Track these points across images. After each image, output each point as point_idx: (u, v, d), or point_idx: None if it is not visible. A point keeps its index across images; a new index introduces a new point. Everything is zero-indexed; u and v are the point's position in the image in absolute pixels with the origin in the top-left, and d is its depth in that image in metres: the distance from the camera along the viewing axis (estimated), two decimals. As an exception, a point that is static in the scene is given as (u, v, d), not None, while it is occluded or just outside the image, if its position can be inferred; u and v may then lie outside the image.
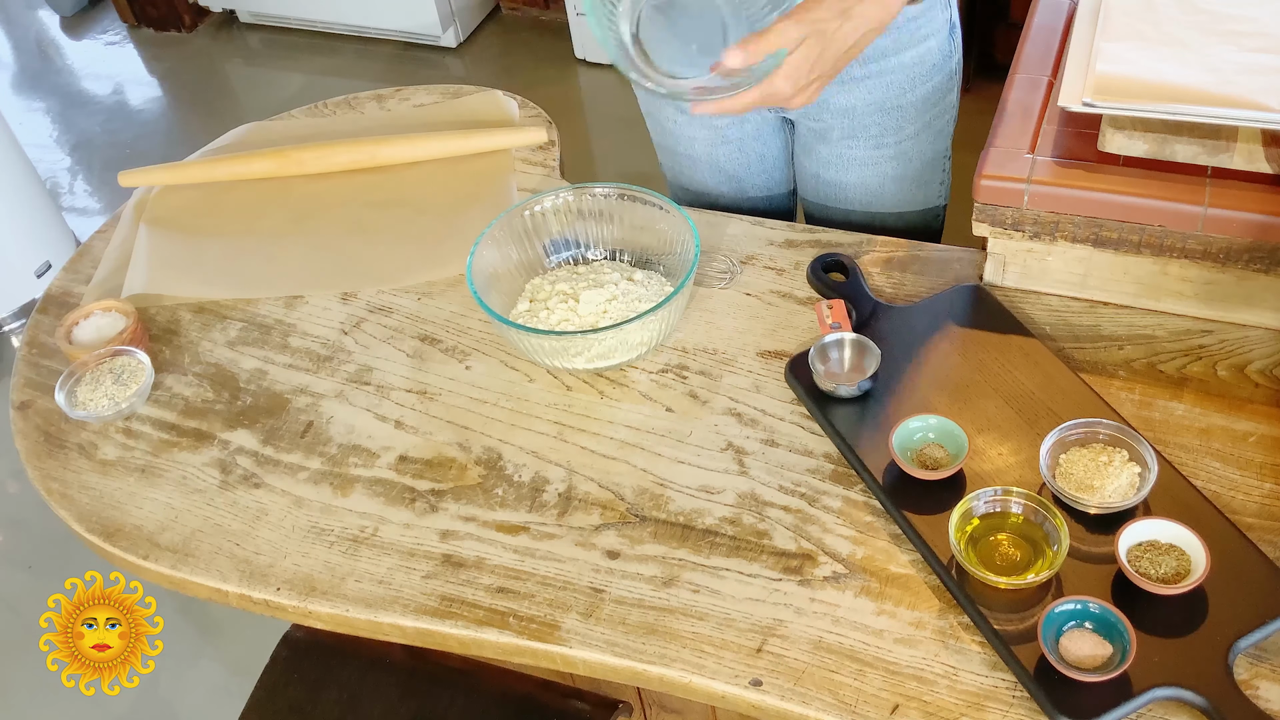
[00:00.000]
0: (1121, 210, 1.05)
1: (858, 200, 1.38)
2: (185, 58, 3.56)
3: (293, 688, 1.30)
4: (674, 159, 1.47)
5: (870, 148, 1.33)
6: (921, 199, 1.39)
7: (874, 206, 1.38)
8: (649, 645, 0.92)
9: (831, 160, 1.36)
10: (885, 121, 1.30)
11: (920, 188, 1.37)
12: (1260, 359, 1.07)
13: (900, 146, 1.33)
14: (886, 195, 1.37)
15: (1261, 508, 0.95)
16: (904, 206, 1.38)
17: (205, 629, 2.03)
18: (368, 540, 1.03)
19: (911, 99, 1.29)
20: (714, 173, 1.44)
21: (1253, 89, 1.01)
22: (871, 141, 1.32)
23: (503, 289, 1.20)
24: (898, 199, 1.38)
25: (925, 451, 1.00)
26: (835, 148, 1.34)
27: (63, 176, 3.19)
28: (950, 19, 1.27)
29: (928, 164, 1.36)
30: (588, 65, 3.20)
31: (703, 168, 1.44)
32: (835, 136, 1.33)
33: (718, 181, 1.44)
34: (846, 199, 1.39)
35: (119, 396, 1.16)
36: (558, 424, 1.11)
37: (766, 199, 1.47)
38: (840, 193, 1.39)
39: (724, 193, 1.45)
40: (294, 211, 1.39)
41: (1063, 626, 0.86)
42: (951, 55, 1.30)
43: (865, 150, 1.33)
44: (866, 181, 1.36)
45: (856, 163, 1.35)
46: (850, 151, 1.34)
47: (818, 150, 1.37)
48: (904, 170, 1.35)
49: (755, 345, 1.15)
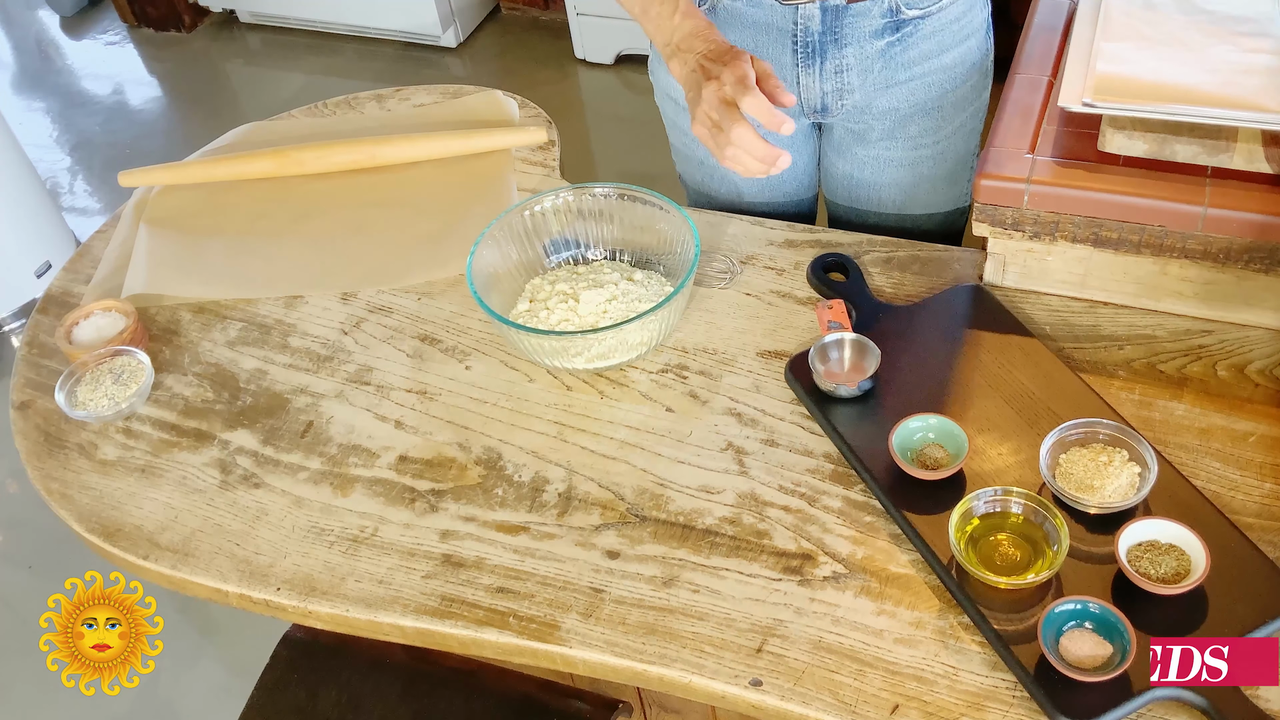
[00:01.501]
0: (1121, 210, 1.05)
1: (891, 201, 1.37)
2: (185, 58, 3.56)
3: (293, 688, 1.30)
4: (699, 168, 1.44)
5: (909, 148, 1.32)
6: (953, 198, 1.38)
7: (907, 207, 1.38)
8: (649, 645, 0.92)
9: (868, 161, 1.35)
10: (925, 122, 1.30)
11: (952, 185, 1.37)
12: (1260, 359, 1.07)
13: (937, 146, 1.32)
14: (920, 195, 1.36)
15: (1261, 508, 0.95)
16: (935, 206, 1.38)
17: (205, 629, 2.03)
18: (368, 540, 1.03)
19: (952, 99, 1.29)
20: (741, 180, 1.41)
21: (1253, 89, 1.01)
22: (911, 142, 1.32)
23: (503, 289, 1.20)
24: (930, 199, 1.37)
25: (925, 451, 1.00)
26: (873, 149, 1.33)
27: (63, 176, 3.19)
28: (987, 17, 1.28)
29: (960, 161, 1.35)
30: (588, 65, 3.20)
31: (721, 172, 1.41)
32: (874, 138, 1.32)
33: (744, 188, 1.42)
34: (879, 200, 1.38)
35: (119, 396, 1.16)
36: (558, 424, 1.11)
37: (795, 204, 1.45)
38: (874, 194, 1.38)
39: (749, 200, 1.43)
40: (294, 211, 1.39)
41: (1063, 626, 0.86)
42: (989, 54, 1.30)
43: (904, 151, 1.33)
44: (901, 181, 1.35)
45: (894, 164, 1.34)
46: (888, 153, 1.33)
47: (854, 152, 1.35)
48: (939, 170, 1.34)
49: (755, 345, 1.15)
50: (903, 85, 1.26)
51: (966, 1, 1.23)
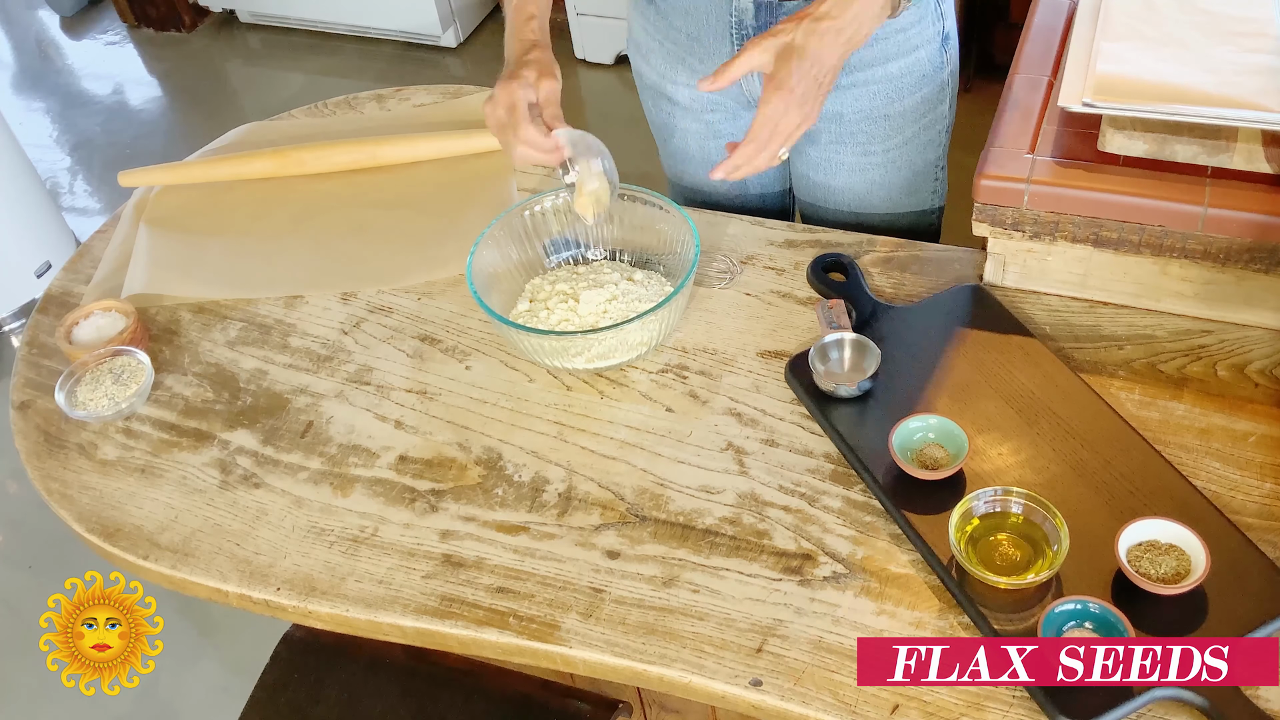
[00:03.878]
0: (1121, 210, 1.05)
1: (846, 203, 1.38)
2: (185, 58, 3.56)
3: (293, 688, 1.30)
4: (670, 155, 1.47)
5: (858, 154, 1.33)
6: (912, 204, 1.38)
7: (863, 209, 1.38)
8: (649, 645, 0.92)
9: (820, 163, 1.36)
10: (872, 130, 1.30)
11: (909, 195, 1.37)
12: (1260, 359, 1.07)
13: (888, 155, 1.32)
14: (875, 200, 1.37)
15: (1261, 508, 0.95)
16: (894, 210, 1.38)
17: (205, 629, 2.03)
18: (368, 540, 1.03)
19: (899, 108, 1.29)
20: (707, 168, 1.43)
21: (1252, 89, 1.01)
22: (859, 149, 1.32)
23: (503, 289, 1.20)
24: (887, 204, 1.37)
25: (925, 451, 1.00)
26: (824, 151, 1.34)
27: (63, 176, 3.19)
28: (943, 30, 1.26)
29: (918, 173, 1.36)
30: (588, 65, 3.20)
31: (695, 163, 1.44)
32: (824, 140, 1.33)
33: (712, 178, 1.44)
34: (836, 200, 1.39)
35: (119, 396, 1.16)
36: (558, 424, 1.11)
37: (760, 196, 1.47)
38: (830, 195, 1.39)
39: (719, 189, 1.45)
40: (294, 211, 1.39)
41: (1063, 626, 0.86)
42: (943, 67, 1.29)
43: (853, 156, 1.33)
44: (854, 186, 1.36)
45: (844, 168, 1.35)
46: (838, 156, 1.34)
47: (807, 152, 1.37)
48: (892, 177, 1.35)
49: (755, 345, 1.15)
50: (845, 90, 1.27)
51: (915, 13, 1.22)
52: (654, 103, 1.42)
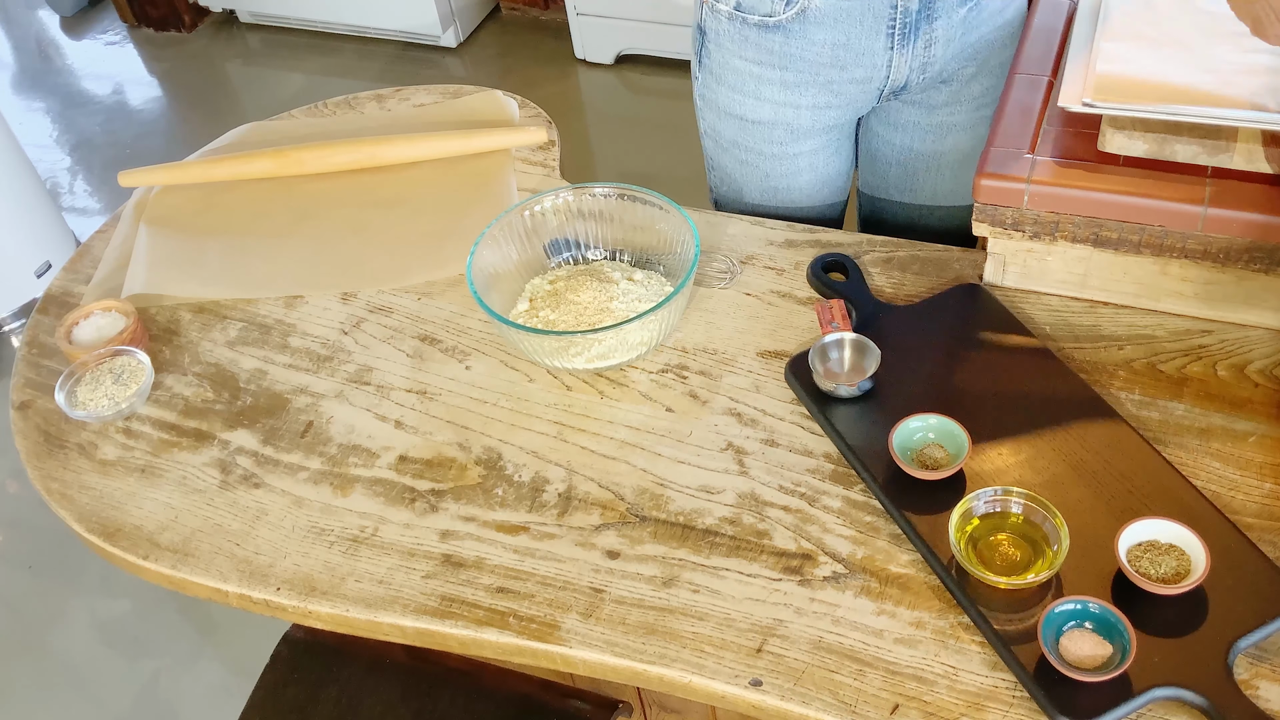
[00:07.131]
0: (1121, 210, 1.05)
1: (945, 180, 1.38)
2: (185, 58, 3.56)
3: (293, 688, 1.30)
4: (766, 191, 1.39)
5: (971, 110, 1.33)
6: None
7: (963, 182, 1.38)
8: (649, 645, 0.92)
9: (930, 129, 1.35)
10: (987, 81, 1.32)
11: None
12: (1260, 359, 1.07)
13: (994, 107, 1.31)
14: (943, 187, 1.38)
15: (1261, 508, 0.95)
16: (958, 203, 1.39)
17: (205, 629, 2.03)
18: (368, 540, 1.03)
19: (1002, 57, 1.30)
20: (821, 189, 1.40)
21: (1252, 89, 1.01)
22: (974, 103, 1.33)
23: (503, 289, 1.20)
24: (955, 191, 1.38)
25: (925, 451, 1.00)
26: (937, 115, 1.34)
27: (63, 176, 3.19)
28: None
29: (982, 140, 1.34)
30: (588, 65, 3.20)
31: (808, 191, 1.39)
32: (939, 102, 1.33)
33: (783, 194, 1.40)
34: (934, 180, 1.39)
35: (119, 396, 1.16)
36: (558, 424, 1.11)
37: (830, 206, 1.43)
38: (927, 177, 1.39)
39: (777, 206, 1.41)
40: (294, 211, 1.39)
41: (1063, 626, 0.86)
42: None
43: (966, 114, 1.33)
44: (961, 147, 1.36)
45: (956, 129, 1.35)
46: (952, 118, 1.34)
47: (916, 122, 1.35)
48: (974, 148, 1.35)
49: (755, 345, 1.15)
50: (973, 47, 1.28)
51: None
52: (717, 152, 1.38)
